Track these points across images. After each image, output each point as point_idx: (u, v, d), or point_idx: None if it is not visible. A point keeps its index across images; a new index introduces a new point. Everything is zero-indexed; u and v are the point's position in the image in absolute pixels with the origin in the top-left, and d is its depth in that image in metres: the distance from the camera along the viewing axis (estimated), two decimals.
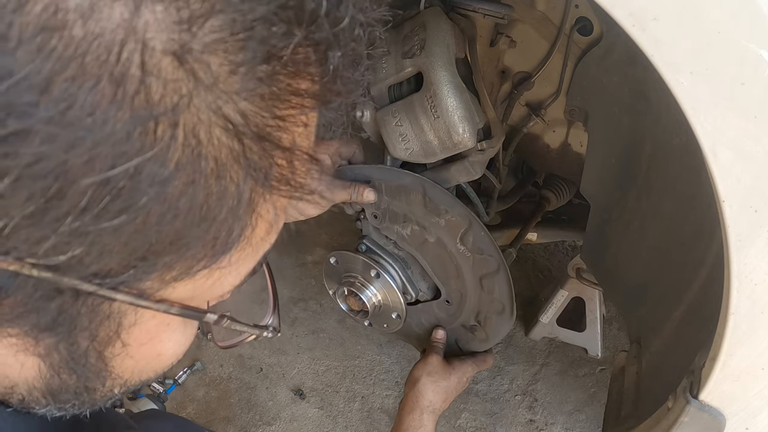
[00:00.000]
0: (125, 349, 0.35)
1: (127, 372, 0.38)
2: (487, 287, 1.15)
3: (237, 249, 0.31)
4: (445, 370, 1.18)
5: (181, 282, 0.31)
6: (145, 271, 0.29)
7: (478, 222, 1.05)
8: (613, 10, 0.55)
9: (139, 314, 0.33)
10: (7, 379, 0.36)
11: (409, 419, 1.10)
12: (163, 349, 0.37)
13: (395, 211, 1.14)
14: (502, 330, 1.21)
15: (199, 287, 0.33)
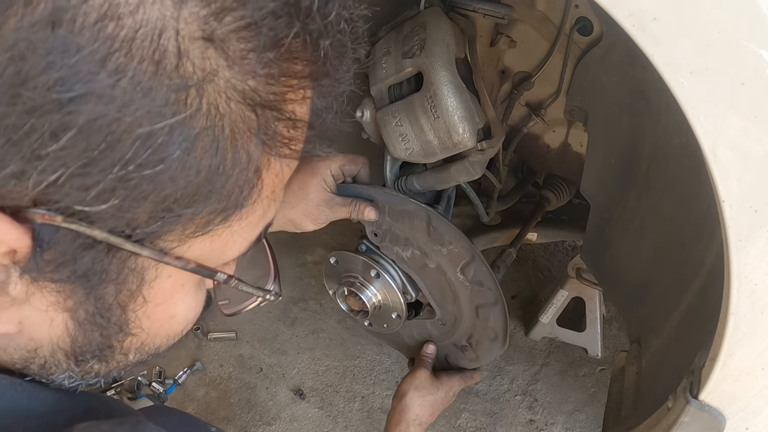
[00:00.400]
0: (144, 307, 0.38)
1: (143, 333, 0.41)
2: (482, 316, 1.15)
3: (245, 210, 0.36)
4: (432, 384, 1.19)
5: (197, 239, 0.36)
6: (169, 223, 0.33)
7: (481, 257, 1.06)
8: (613, 10, 0.55)
9: (159, 270, 0.37)
10: (32, 341, 0.39)
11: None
12: (176, 311, 0.41)
13: (397, 234, 1.13)
14: (493, 354, 1.22)
15: (211, 248, 0.37)
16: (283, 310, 2.31)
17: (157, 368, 2.06)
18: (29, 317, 0.36)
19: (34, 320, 0.36)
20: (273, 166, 0.36)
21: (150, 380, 2.03)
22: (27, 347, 0.39)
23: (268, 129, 0.34)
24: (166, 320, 0.42)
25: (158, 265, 0.36)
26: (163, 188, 0.31)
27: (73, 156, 0.28)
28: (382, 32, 1.08)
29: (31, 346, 0.39)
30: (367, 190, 1.11)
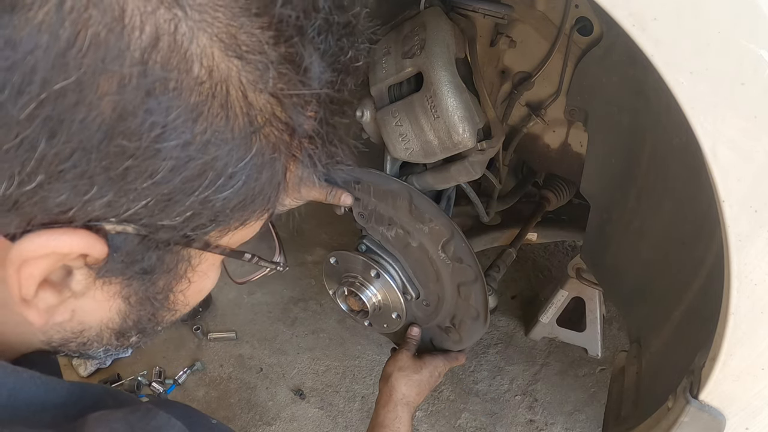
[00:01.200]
0: (188, 287, 0.45)
1: (179, 304, 0.47)
2: (464, 294, 1.16)
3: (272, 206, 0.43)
4: (415, 364, 1.21)
5: (235, 231, 0.43)
6: (219, 225, 0.40)
7: (460, 233, 1.07)
8: (613, 11, 0.55)
9: (202, 257, 0.44)
10: (81, 325, 0.44)
11: (384, 412, 1.13)
12: (205, 285, 0.48)
13: (381, 214, 1.15)
14: (476, 334, 1.23)
15: (242, 235, 0.45)
16: (283, 310, 2.31)
17: (157, 368, 2.06)
18: (83, 306, 0.41)
19: (87, 308, 0.42)
20: (291, 169, 0.43)
21: (150, 380, 2.03)
22: (73, 330, 0.44)
23: (295, 145, 0.40)
24: (197, 293, 0.49)
25: (203, 253, 0.43)
26: (228, 204, 0.38)
27: (161, 188, 0.34)
28: (382, 32, 1.08)
29: (78, 329, 0.44)
30: (353, 172, 1.12)
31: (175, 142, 0.32)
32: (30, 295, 0.36)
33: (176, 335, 2.18)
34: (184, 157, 0.33)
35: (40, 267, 0.35)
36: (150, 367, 2.07)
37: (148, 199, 0.34)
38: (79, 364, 2.04)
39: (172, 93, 0.31)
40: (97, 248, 0.35)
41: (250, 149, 0.36)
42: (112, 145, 0.31)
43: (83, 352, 0.48)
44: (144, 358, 2.11)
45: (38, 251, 0.33)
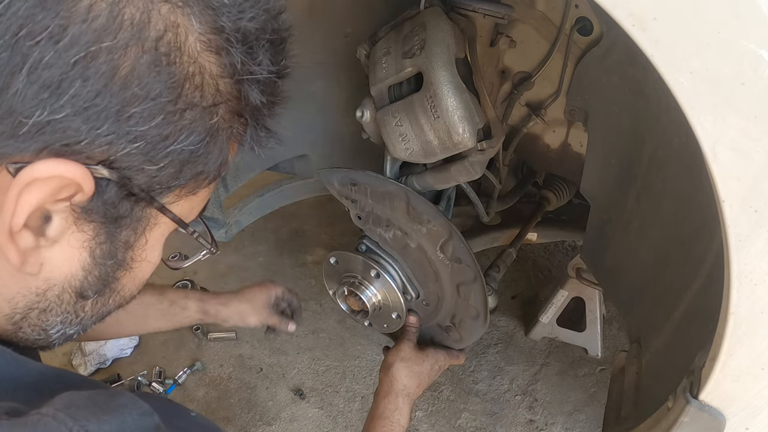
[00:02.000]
0: (144, 247, 0.52)
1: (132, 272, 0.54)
2: (463, 294, 1.16)
3: (215, 181, 0.54)
4: (417, 356, 1.21)
5: (184, 199, 0.52)
6: (179, 183, 0.49)
7: (458, 234, 1.06)
8: (613, 11, 0.55)
9: (158, 219, 0.51)
10: (46, 282, 0.48)
11: (384, 403, 1.12)
12: (153, 257, 0.55)
13: (379, 215, 1.15)
14: (476, 334, 1.23)
15: (186, 208, 0.54)
16: None
17: (157, 368, 2.06)
18: (52, 258, 0.47)
19: (55, 261, 0.47)
20: (232, 150, 0.54)
21: (150, 380, 2.03)
22: (38, 290, 0.48)
23: (236, 128, 0.52)
24: (146, 264, 0.55)
25: (159, 215, 0.51)
26: (190, 160, 0.48)
27: (152, 133, 0.44)
28: (382, 32, 1.08)
29: (42, 288, 0.48)
30: (349, 173, 1.12)
31: (168, 99, 0.44)
32: (18, 226, 0.42)
33: (176, 335, 2.18)
34: (171, 112, 0.44)
35: (37, 194, 0.41)
36: (150, 367, 2.07)
37: (140, 142, 0.44)
38: (79, 364, 2.04)
39: (171, 66, 0.43)
40: (88, 184, 0.43)
41: (213, 118, 0.48)
42: (127, 93, 0.42)
43: (42, 328, 0.51)
44: (144, 358, 2.11)
45: (47, 172, 0.41)
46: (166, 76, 0.43)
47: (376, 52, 1.05)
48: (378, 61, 1.03)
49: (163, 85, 0.43)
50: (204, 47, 0.45)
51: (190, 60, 0.44)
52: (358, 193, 1.14)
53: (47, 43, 0.38)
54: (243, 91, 0.49)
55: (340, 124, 1.65)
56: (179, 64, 0.44)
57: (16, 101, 0.39)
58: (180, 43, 0.43)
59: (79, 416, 0.40)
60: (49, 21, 0.38)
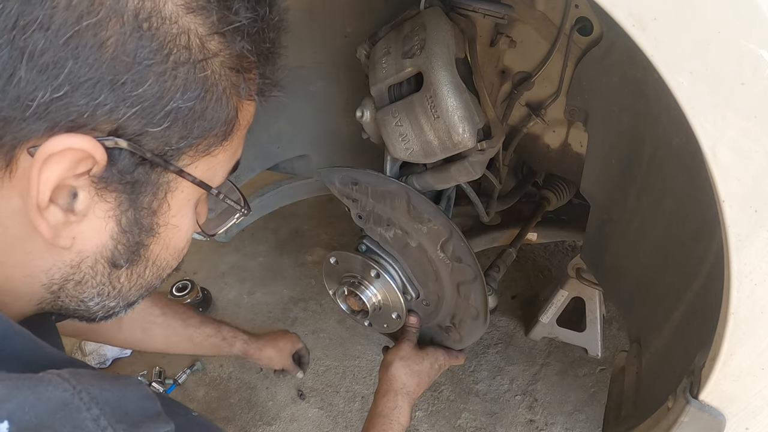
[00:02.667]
0: (168, 213, 0.55)
1: (162, 239, 0.57)
2: (463, 293, 1.16)
3: (229, 140, 0.56)
4: (417, 355, 1.21)
5: (201, 161, 0.55)
6: (189, 142, 0.52)
7: (459, 233, 1.06)
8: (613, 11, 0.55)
9: (178, 183, 0.55)
10: (79, 255, 0.52)
11: (383, 401, 1.12)
12: (182, 223, 0.58)
13: (379, 215, 1.15)
14: (476, 334, 1.23)
15: (207, 170, 0.56)
16: (283, 310, 2.31)
17: (157, 368, 2.06)
18: (83, 231, 0.51)
19: (86, 234, 0.51)
20: (243, 108, 0.57)
21: (150, 380, 2.03)
22: (72, 262, 0.52)
23: (239, 83, 0.54)
24: (176, 230, 0.58)
25: (178, 179, 0.54)
26: (192, 116, 0.51)
27: (147, 96, 0.47)
28: (382, 32, 1.08)
29: (76, 261, 0.53)
30: (350, 172, 1.12)
31: (156, 60, 0.47)
32: (44, 203, 0.46)
33: None
34: (161, 72, 0.47)
35: (56, 169, 0.46)
36: (150, 367, 2.07)
37: (138, 105, 0.47)
38: None
39: (153, 30, 0.47)
40: (99, 152, 0.47)
41: (204, 71, 0.50)
42: (116, 62, 0.45)
43: (80, 300, 0.56)
44: (144, 358, 2.11)
45: (58, 146, 0.45)
46: (149, 41, 0.46)
47: (376, 52, 1.05)
48: (378, 61, 1.03)
49: (148, 49, 0.46)
50: (184, 10, 0.49)
51: (170, 22, 0.48)
52: (359, 192, 1.15)
53: (39, 31, 0.43)
54: (228, 42, 0.52)
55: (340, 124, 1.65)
56: (160, 27, 0.47)
57: (21, 88, 0.43)
58: (159, 9, 0.47)
59: (83, 381, 0.43)
60: (38, 12, 0.42)
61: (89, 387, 0.43)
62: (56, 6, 0.43)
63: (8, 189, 0.47)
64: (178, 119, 0.50)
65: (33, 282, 0.52)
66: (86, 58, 0.44)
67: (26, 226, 0.48)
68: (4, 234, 0.49)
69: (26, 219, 0.47)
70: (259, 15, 0.53)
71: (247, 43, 0.53)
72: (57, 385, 0.42)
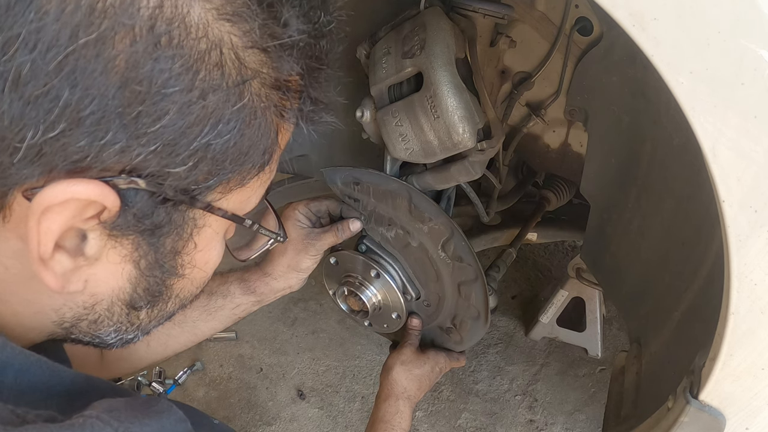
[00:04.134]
0: (194, 252, 0.48)
1: (187, 277, 0.50)
2: (464, 293, 1.16)
3: (268, 167, 0.48)
4: (418, 358, 1.20)
5: (233, 193, 0.47)
6: (220, 179, 0.44)
7: (460, 232, 1.06)
8: (613, 11, 0.55)
9: (205, 219, 0.47)
10: (93, 297, 0.46)
11: (384, 406, 1.11)
12: (210, 256, 0.51)
13: (381, 214, 1.15)
14: (477, 335, 1.22)
15: (240, 201, 0.49)
16: (283, 310, 2.31)
17: (157, 368, 2.06)
18: (96, 274, 0.44)
19: (100, 276, 0.44)
20: (282, 129, 0.48)
21: (150, 380, 2.03)
22: (85, 304, 0.46)
23: (283, 105, 0.45)
24: (203, 264, 0.51)
25: (206, 215, 0.46)
26: (226, 151, 0.42)
27: (168, 131, 0.38)
28: (382, 32, 1.08)
29: (89, 303, 0.46)
30: (352, 171, 1.12)
31: (179, 88, 0.38)
32: (47, 254, 0.39)
33: None
34: (186, 102, 0.38)
35: (58, 219, 0.38)
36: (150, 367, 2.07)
37: (157, 143, 0.38)
38: None
39: (175, 47, 0.37)
40: (110, 199, 0.39)
41: (242, 98, 0.41)
42: (126, 91, 0.36)
43: (95, 335, 0.50)
44: None
45: (58, 197, 0.37)
46: (170, 61, 0.36)
47: (376, 52, 1.05)
48: (378, 61, 1.03)
49: (169, 72, 0.37)
50: (215, 16, 0.38)
51: (198, 34, 0.37)
52: (361, 192, 1.14)
53: (22, 52, 0.33)
54: (273, 60, 0.42)
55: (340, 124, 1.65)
56: (185, 42, 0.37)
57: (3, 126, 0.34)
58: (182, 17, 0.37)
59: (122, 419, 0.40)
60: (20, 28, 0.33)
61: (130, 426, 0.40)
62: (43, 18, 0.33)
63: (5, 232, 0.40)
64: (207, 156, 0.41)
65: (43, 318, 0.47)
66: (87, 86, 0.35)
67: (29, 268, 0.41)
68: (6, 274, 0.42)
69: (28, 261, 0.40)
70: (312, 25, 0.43)
71: (296, 61, 0.43)
72: (100, 431, 0.38)
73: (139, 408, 0.43)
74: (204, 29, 0.38)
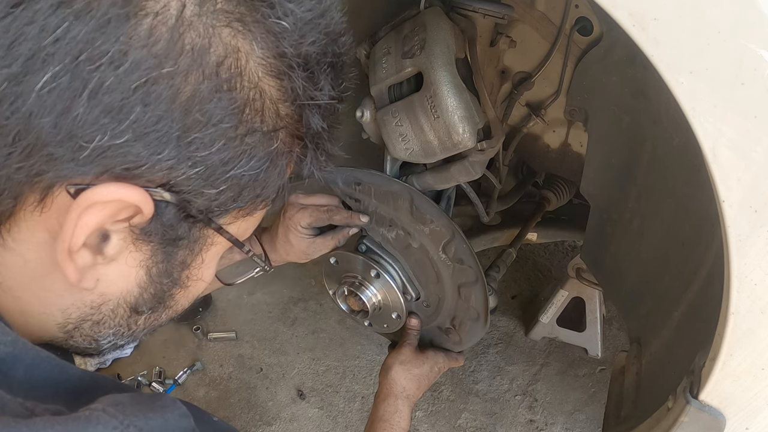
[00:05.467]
0: (201, 267, 0.54)
1: (187, 290, 0.55)
2: (464, 295, 1.16)
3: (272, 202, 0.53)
4: (417, 358, 1.21)
5: (241, 220, 0.53)
6: (237, 206, 0.50)
7: (461, 234, 1.06)
8: (613, 11, 0.55)
9: (215, 239, 0.53)
10: (101, 297, 0.50)
11: (384, 406, 1.12)
12: (207, 275, 0.57)
13: (382, 215, 1.15)
14: (476, 336, 1.23)
15: (242, 228, 0.55)
16: (283, 310, 2.31)
17: (157, 368, 2.06)
18: (108, 275, 0.48)
19: (111, 277, 0.48)
20: (288, 170, 0.53)
21: (150, 380, 2.03)
22: (92, 304, 0.50)
23: (296, 152, 0.52)
24: (199, 281, 0.56)
25: (216, 235, 0.52)
26: (250, 183, 0.48)
27: (212, 159, 0.44)
28: (382, 32, 1.08)
29: (97, 303, 0.50)
30: (353, 172, 1.12)
31: (230, 125, 0.44)
32: (77, 246, 0.43)
33: (176, 335, 2.18)
34: (232, 137, 0.45)
35: (97, 216, 0.42)
36: (150, 367, 2.07)
37: (200, 167, 0.44)
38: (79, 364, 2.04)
39: (232, 91, 0.43)
40: (148, 206, 0.44)
41: (273, 143, 0.48)
42: (188, 119, 0.42)
43: (94, 338, 0.53)
44: (144, 358, 2.11)
45: (107, 196, 0.41)
46: (227, 102, 0.43)
47: (376, 52, 1.05)
48: (378, 61, 1.03)
49: (224, 110, 0.43)
50: (265, 72, 0.45)
51: (250, 85, 0.44)
52: (362, 192, 1.14)
53: (108, 68, 0.38)
54: (304, 115, 0.49)
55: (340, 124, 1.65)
56: (240, 89, 0.44)
57: (77, 126, 0.39)
58: (241, 68, 0.43)
59: (127, 412, 0.42)
60: (110, 46, 0.38)
61: (134, 419, 0.42)
62: (132, 42, 0.38)
63: (36, 222, 0.44)
64: (236, 185, 0.47)
65: (48, 320, 0.50)
66: (156, 108, 0.40)
67: (48, 263, 0.45)
68: (24, 268, 0.46)
69: (49, 254, 0.44)
70: (337, 90, 0.50)
71: (322, 119, 0.50)
72: (106, 423, 0.40)
73: (144, 402, 0.45)
74: (255, 81, 0.45)
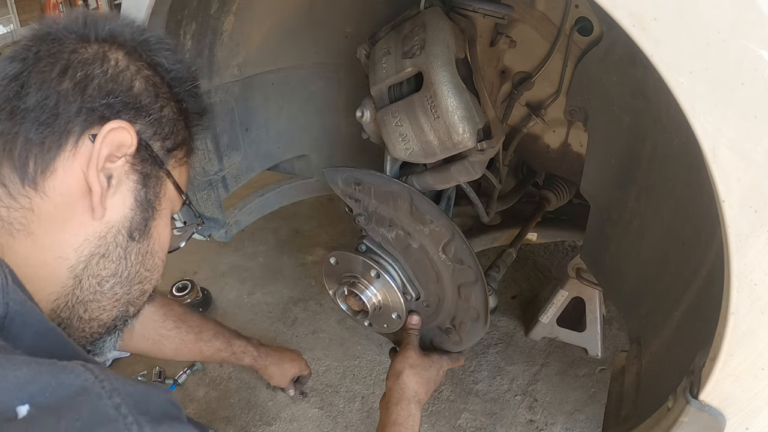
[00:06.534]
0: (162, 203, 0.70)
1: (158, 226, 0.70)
2: (464, 295, 1.16)
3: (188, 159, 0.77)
4: (425, 361, 1.22)
5: (177, 169, 0.73)
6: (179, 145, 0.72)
7: (461, 235, 1.06)
8: (613, 11, 0.55)
9: (166, 186, 0.71)
10: (106, 225, 0.63)
11: (397, 410, 1.12)
12: (165, 233, 0.72)
13: (382, 215, 1.15)
14: (476, 336, 1.23)
15: (179, 179, 0.73)
16: (283, 310, 2.31)
17: (157, 368, 2.06)
18: (114, 204, 0.63)
19: (116, 204, 0.64)
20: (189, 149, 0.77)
21: (150, 381, 2.03)
22: (100, 234, 0.63)
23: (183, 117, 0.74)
24: (163, 229, 0.71)
25: (166, 179, 0.70)
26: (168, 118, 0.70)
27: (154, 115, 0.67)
28: (382, 32, 1.08)
29: (103, 232, 0.63)
30: (354, 172, 1.13)
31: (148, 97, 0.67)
32: (100, 164, 0.60)
33: None
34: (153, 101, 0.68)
35: (113, 140, 0.61)
36: (150, 367, 2.07)
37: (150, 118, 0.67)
38: None
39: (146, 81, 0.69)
40: (133, 135, 0.63)
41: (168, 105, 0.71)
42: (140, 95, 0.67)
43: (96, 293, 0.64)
44: (144, 358, 2.11)
45: (115, 124, 0.61)
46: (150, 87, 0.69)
47: (376, 52, 1.05)
48: (378, 61, 1.03)
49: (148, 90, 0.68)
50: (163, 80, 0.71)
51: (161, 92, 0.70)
52: (362, 192, 1.15)
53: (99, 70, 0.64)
54: (183, 104, 0.73)
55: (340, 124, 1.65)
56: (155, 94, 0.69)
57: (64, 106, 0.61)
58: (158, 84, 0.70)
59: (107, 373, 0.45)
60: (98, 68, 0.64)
61: (113, 379, 0.44)
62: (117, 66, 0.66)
63: (68, 168, 0.59)
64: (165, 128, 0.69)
65: (61, 266, 0.60)
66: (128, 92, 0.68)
67: (72, 206, 0.60)
68: (52, 213, 0.59)
69: (73, 199, 0.59)
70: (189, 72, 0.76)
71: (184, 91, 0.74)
72: (79, 374, 0.43)
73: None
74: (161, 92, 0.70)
